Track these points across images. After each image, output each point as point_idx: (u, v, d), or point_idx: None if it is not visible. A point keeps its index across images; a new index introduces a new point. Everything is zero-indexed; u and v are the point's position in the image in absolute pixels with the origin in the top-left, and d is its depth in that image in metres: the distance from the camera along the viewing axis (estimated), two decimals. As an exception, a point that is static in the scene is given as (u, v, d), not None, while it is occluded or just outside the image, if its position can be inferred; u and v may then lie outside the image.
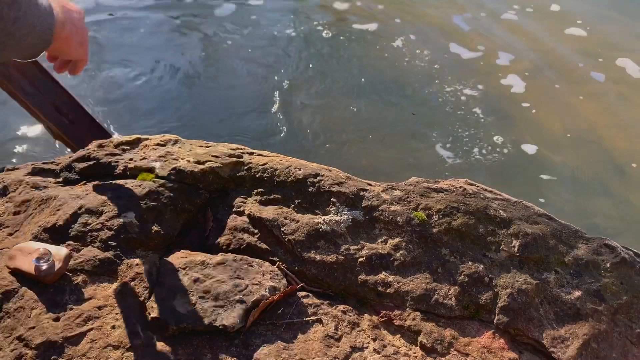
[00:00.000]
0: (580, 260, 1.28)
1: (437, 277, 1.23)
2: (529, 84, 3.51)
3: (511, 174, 2.84)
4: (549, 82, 3.55)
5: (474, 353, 1.12)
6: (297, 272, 1.23)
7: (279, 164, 1.42)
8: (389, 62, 3.61)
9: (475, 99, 3.32)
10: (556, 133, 3.14)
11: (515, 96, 3.40)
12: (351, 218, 1.30)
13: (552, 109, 3.32)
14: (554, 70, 3.67)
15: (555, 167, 2.91)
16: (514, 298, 1.20)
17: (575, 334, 1.16)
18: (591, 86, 3.56)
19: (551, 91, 3.48)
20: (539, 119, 3.23)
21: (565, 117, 3.25)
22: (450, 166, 2.84)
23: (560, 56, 3.83)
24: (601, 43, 4.01)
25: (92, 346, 1.01)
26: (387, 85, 3.39)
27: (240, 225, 1.30)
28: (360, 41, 3.81)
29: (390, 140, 2.97)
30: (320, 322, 1.14)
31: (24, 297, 1.07)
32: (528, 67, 3.67)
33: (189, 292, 1.12)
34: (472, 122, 3.14)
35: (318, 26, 3.96)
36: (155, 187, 1.31)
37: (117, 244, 1.20)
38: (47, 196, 1.29)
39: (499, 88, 3.46)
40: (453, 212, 1.32)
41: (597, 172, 2.90)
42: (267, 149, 1.60)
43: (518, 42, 3.93)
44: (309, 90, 3.31)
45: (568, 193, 2.77)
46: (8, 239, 1.21)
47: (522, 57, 3.77)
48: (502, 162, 2.89)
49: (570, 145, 3.06)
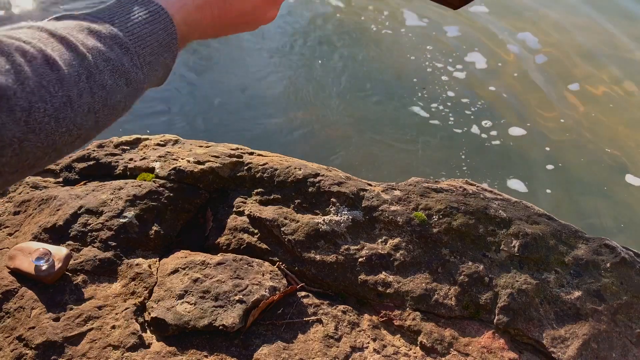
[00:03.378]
0: (580, 260, 1.28)
1: (437, 277, 1.23)
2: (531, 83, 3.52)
3: (511, 165, 2.84)
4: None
5: (474, 353, 1.12)
6: (297, 272, 1.23)
7: (279, 164, 1.42)
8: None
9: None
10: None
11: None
12: (351, 218, 1.30)
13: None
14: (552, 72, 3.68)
15: (556, 166, 2.91)
16: (514, 298, 1.20)
17: (575, 334, 1.16)
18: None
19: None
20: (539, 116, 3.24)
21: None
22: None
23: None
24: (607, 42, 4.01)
25: (92, 346, 1.01)
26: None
27: (240, 225, 1.30)
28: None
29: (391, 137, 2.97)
30: (320, 322, 1.14)
31: (24, 297, 1.07)
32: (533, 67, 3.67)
33: (189, 292, 1.12)
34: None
35: (317, 20, 3.96)
36: (155, 187, 1.31)
37: (117, 244, 1.20)
38: (47, 196, 1.29)
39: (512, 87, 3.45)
40: (453, 212, 1.32)
41: (597, 172, 2.90)
42: (266, 149, 1.60)
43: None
44: (308, 89, 3.31)
45: (568, 192, 2.77)
46: (8, 239, 1.21)
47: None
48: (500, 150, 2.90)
49: (570, 145, 3.06)
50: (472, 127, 3.12)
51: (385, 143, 2.95)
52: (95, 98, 0.49)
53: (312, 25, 3.97)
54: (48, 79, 0.44)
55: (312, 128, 3.02)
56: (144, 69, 0.54)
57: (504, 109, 3.30)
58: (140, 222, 1.24)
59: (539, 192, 2.75)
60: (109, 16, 0.53)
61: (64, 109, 0.46)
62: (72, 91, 0.46)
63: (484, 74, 3.59)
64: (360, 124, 3.07)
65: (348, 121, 3.09)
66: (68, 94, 0.46)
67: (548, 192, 2.75)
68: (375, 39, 3.85)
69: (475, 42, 3.87)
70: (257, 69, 3.47)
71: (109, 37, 0.51)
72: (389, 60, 3.64)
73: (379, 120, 3.10)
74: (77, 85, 0.47)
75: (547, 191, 2.76)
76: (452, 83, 3.45)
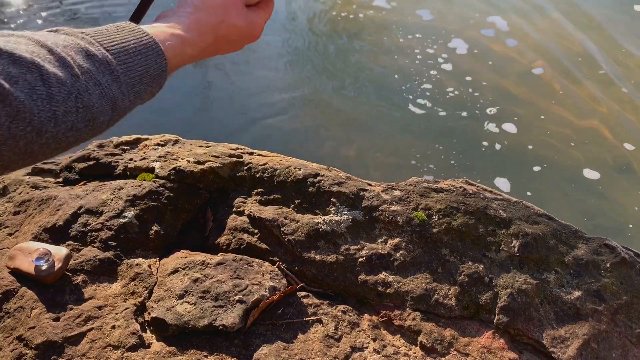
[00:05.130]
0: (580, 260, 1.28)
1: (437, 277, 1.23)
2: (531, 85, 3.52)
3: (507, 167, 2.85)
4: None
5: (474, 353, 1.12)
6: (297, 272, 1.23)
7: (279, 164, 1.42)
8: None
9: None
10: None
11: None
12: (351, 218, 1.30)
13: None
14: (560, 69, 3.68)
15: (555, 165, 2.91)
16: (514, 298, 1.20)
17: (575, 334, 1.16)
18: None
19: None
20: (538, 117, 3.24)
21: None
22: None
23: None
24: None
25: (92, 346, 1.01)
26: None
27: (240, 225, 1.30)
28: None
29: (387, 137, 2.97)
30: (320, 322, 1.14)
31: (24, 297, 1.07)
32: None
33: (189, 292, 1.12)
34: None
35: (315, 18, 3.96)
36: (155, 187, 1.31)
37: (117, 244, 1.20)
38: (47, 196, 1.29)
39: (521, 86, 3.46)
40: (453, 212, 1.32)
41: (597, 172, 2.90)
42: (266, 149, 1.60)
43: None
44: (309, 87, 3.31)
45: (568, 192, 2.77)
46: (8, 239, 1.21)
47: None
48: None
49: (570, 144, 3.06)
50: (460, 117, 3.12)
51: (379, 140, 2.95)
52: (79, 117, 0.51)
53: (309, 25, 3.97)
54: (39, 93, 0.46)
55: (311, 128, 3.02)
56: (131, 97, 0.57)
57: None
58: (140, 222, 1.24)
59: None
60: (106, 41, 0.55)
61: (47, 123, 0.47)
62: (59, 108, 0.48)
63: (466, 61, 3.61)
64: (360, 124, 3.07)
65: (346, 121, 3.09)
66: (54, 110, 0.48)
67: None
68: (375, 37, 3.85)
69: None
70: (257, 68, 3.47)
71: (103, 64, 0.54)
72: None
73: (372, 118, 3.11)
74: (65, 104, 0.49)
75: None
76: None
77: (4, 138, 0.44)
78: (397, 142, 2.96)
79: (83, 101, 0.50)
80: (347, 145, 2.91)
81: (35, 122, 0.46)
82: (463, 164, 2.85)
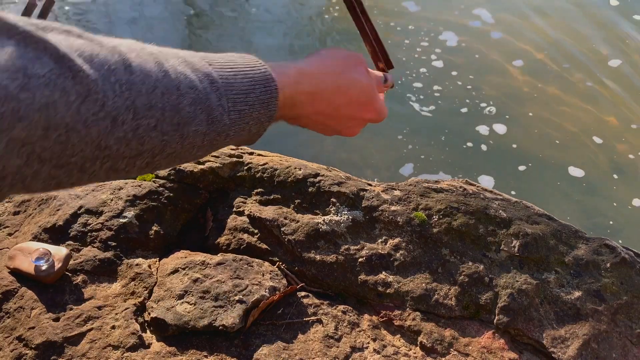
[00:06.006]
0: (581, 260, 1.28)
1: (437, 277, 1.23)
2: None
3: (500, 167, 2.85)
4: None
5: (474, 353, 1.12)
6: (297, 272, 1.23)
7: (279, 163, 1.42)
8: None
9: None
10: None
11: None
12: (351, 218, 1.30)
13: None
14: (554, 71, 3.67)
15: (555, 164, 2.91)
16: (514, 298, 1.20)
17: (575, 334, 1.16)
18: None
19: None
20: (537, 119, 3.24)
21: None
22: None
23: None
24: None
25: (92, 346, 1.01)
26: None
27: (240, 225, 1.30)
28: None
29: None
30: (320, 322, 1.14)
31: (24, 297, 1.07)
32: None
33: (189, 292, 1.12)
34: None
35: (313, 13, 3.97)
36: (155, 187, 1.31)
37: (117, 244, 1.20)
38: (47, 196, 1.29)
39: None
40: (453, 212, 1.32)
41: (597, 172, 2.90)
42: (266, 149, 1.60)
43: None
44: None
45: (569, 192, 2.77)
46: (8, 239, 1.21)
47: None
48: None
49: (570, 144, 3.06)
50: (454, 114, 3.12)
51: (377, 139, 2.96)
52: (165, 116, 0.44)
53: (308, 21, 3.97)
54: (118, 77, 0.41)
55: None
56: (232, 115, 0.50)
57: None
58: (140, 222, 1.24)
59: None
60: (207, 58, 0.51)
61: (124, 112, 0.41)
62: (140, 99, 0.42)
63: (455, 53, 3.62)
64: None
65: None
66: (133, 100, 0.42)
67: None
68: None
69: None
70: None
71: (203, 73, 0.48)
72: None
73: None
74: (148, 96, 0.43)
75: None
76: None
77: (73, 121, 0.38)
78: (390, 139, 2.97)
79: (170, 99, 0.44)
80: (347, 145, 2.91)
81: (109, 107, 0.40)
82: (455, 161, 2.86)
